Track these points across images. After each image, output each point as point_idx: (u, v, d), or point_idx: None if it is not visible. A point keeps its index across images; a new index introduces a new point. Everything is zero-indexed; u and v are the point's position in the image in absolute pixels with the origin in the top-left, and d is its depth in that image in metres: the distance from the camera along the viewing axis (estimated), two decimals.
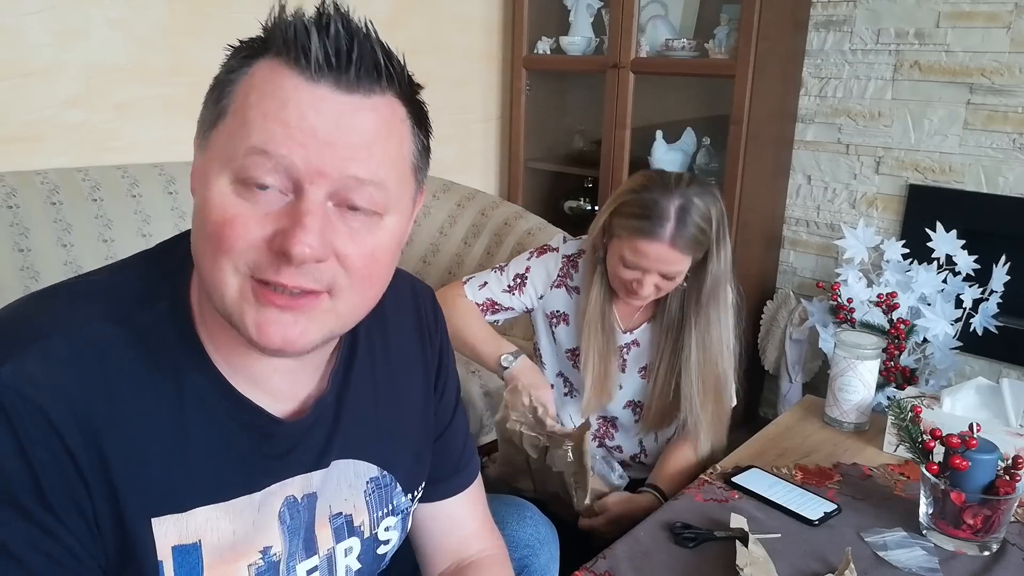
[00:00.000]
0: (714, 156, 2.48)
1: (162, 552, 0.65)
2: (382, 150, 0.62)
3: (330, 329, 0.65)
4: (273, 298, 0.60)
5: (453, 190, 2.39)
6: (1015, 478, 1.07)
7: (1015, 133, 2.13)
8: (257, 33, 0.62)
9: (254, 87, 0.60)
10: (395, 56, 0.63)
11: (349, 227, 0.62)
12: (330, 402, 0.75)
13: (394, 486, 0.82)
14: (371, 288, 0.66)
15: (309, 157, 0.58)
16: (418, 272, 2.30)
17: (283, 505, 0.72)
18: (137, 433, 0.63)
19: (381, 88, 0.61)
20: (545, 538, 1.06)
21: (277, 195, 0.60)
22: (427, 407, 0.86)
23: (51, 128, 1.84)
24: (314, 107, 0.59)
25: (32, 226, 1.71)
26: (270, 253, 0.59)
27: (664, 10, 2.57)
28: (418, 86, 0.66)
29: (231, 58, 0.62)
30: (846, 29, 2.35)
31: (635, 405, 1.50)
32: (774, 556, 1.05)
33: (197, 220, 0.62)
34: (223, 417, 0.67)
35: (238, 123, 0.60)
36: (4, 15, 1.73)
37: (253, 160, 0.58)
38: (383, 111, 0.62)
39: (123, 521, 0.63)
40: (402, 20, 2.49)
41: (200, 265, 0.62)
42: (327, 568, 0.77)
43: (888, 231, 2.37)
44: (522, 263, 1.49)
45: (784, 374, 2.43)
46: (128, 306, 0.65)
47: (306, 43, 0.58)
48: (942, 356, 2.03)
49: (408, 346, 0.84)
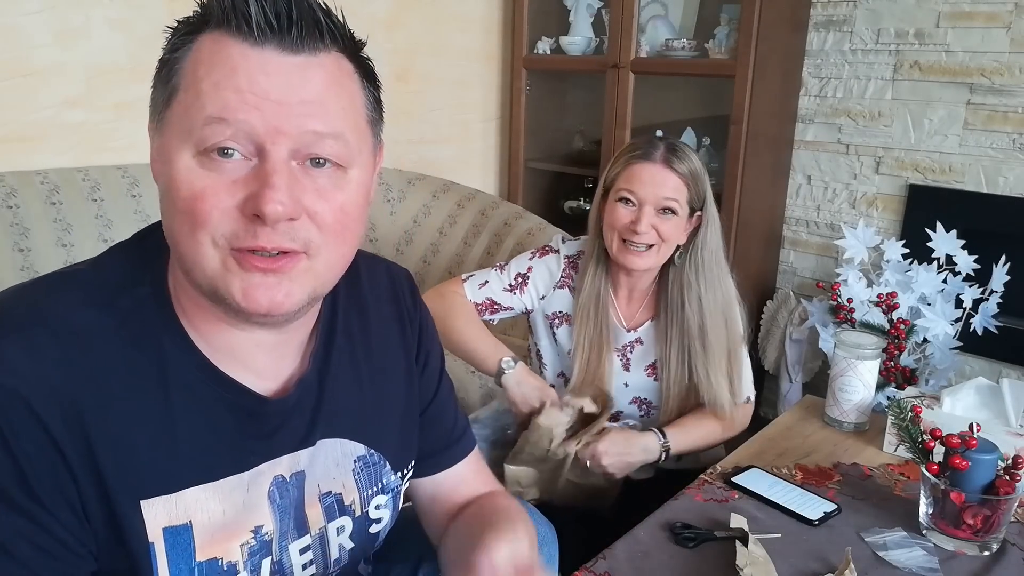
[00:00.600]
0: (714, 156, 2.48)
1: (153, 534, 0.65)
2: (335, 104, 0.63)
3: (312, 288, 0.66)
4: (254, 261, 0.61)
5: (453, 190, 2.39)
6: (1015, 478, 1.07)
7: (1015, 133, 2.13)
8: (194, 10, 0.63)
9: (201, 60, 0.61)
10: (334, 14, 0.64)
11: (316, 184, 0.63)
12: (312, 381, 0.76)
13: (383, 464, 0.83)
14: (344, 244, 0.67)
15: (266, 118, 0.60)
16: (418, 272, 2.30)
17: (272, 484, 0.73)
18: (122, 417, 0.64)
19: (325, 45, 0.63)
20: (544, 538, 1.06)
21: (241, 161, 0.61)
22: (410, 386, 0.87)
23: (51, 128, 1.84)
24: (263, 70, 0.60)
25: (32, 226, 1.71)
26: (244, 219, 0.60)
27: (664, 10, 2.57)
28: (361, 42, 0.67)
29: (173, 37, 0.63)
30: (846, 29, 2.35)
31: (642, 402, 1.50)
32: (774, 556, 1.04)
33: (166, 200, 0.63)
34: (208, 398, 0.68)
35: (191, 97, 0.61)
36: (4, 15, 1.73)
37: (212, 129, 0.59)
38: (330, 67, 0.63)
39: (112, 506, 0.63)
40: (402, 20, 2.49)
41: (177, 244, 0.63)
42: (320, 547, 0.78)
43: (888, 231, 2.37)
44: (524, 263, 1.49)
45: (784, 374, 2.43)
46: (109, 292, 0.66)
47: (245, 10, 0.59)
48: (942, 356, 2.03)
49: (387, 327, 0.85)
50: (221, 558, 0.69)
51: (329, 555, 0.79)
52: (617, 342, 1.47)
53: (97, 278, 0.68)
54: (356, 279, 0.82)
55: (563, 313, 1.48)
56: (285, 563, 0.75)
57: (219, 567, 0.69)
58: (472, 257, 2.23)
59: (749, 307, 1.49)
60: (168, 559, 0.66)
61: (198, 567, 0.68)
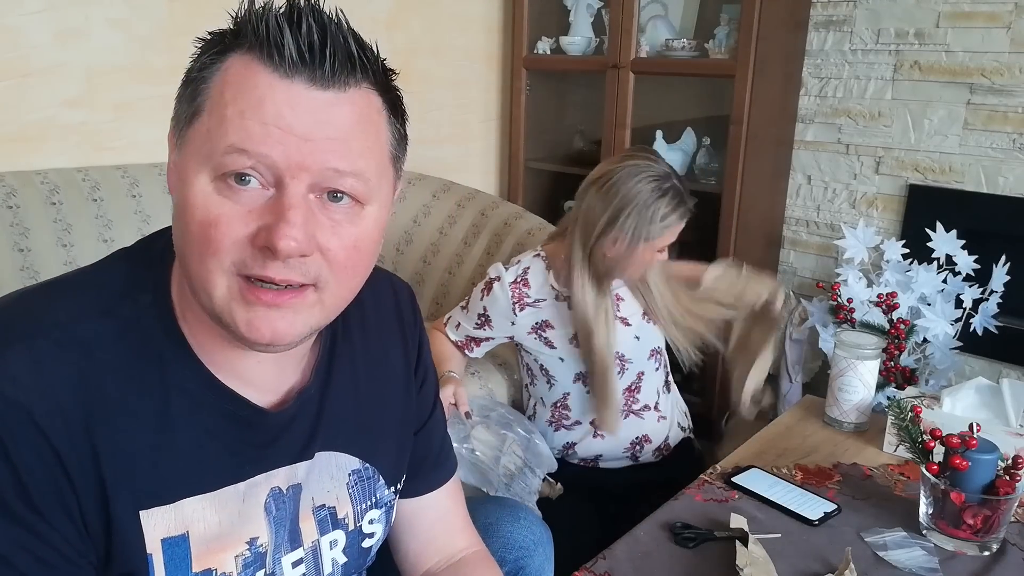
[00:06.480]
0: (714, 156, 2.48)
1: (151, 545, 0.65)
2: (360, 142, 0.62)
3: (317, 321, 0.66)
4: (261, 295, 0.61)
5: (453, 190, 2.39)
6: (1015, 478, 1.07)
7: (1015, 133, 2.12)
8: (227, 25, 0.61)
9: (228, 84, 0.60)
10: (368, 46, 0.63)
11: (331, 219, 0.62)
12: (313, 394, 0.75)
13: (377, 479, 0.83)
14: (354, 278, 0.67)
15: (288, 152, 0.59)
16: (418, 272, 2.30)
17: (268, 496, 0.73)
18: (123, 426, 0.63)
19: (356, 80, 0.61)
20: (540, 539, 1.06)
21: (258, 191, 0.60)
22: (407, 401, 0.87)
23: (51, 128, 1.84)
24: (290, 104, 0.59)
25: (32, 226, 1.71)
26: (255, 250, 0.60)
27: (664, 10, 2.57)
28: (392, 72, 0.66)
29: (203, 53, 0.62)
30: (846, 29, 2.35)
31: (657, 353, 1.57)
32: (774, 556, 1.05)
33: (180, 220, 0.62)
34: (208, 408, 0.68)
35: (215, 121, 0.59)
36: (4, 15, 1.73)
37: (233, 159, 0.59)
38: (359, 104, 0.62)
39: (111, 516, 0.63)
40: (402, 20, 2.49)
41: (187, 266, 0.62)
42: (312, 561, 0.77)
43: (888, 231, 2.37)
44: (478, 303, 1.54)
45: (784, 374, 2.42)
46: (111, 299, 0.65)
47: (279, 39, 0.58)
48: (942, 356, 2.03)
49: (388, 341, 0.85)
50: (215, 569, 0.69)
51: (322, 569, 0.79)
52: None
53: (99, 284, 0.67)
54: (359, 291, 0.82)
55: (541, 322, 1.51)
56: None
57: None
58: (472, 257, 2.23)
59: None
60: (166, 570, 0.66)
61: None
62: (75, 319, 0.63)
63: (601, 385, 1.47)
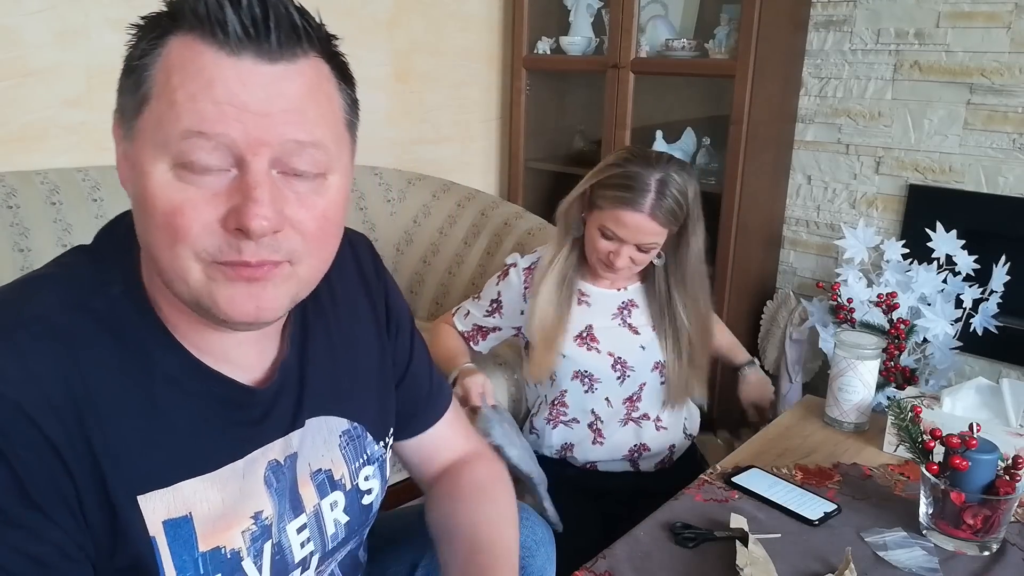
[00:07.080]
0: (714, 156, 2.48)
1: (153, 528, 0.65)
2: (315, 111, 0.62)
3: (296, 292, 0.66)
4: (240, 271, 0.61)
5: (453, 190, 2.39)
6: (1015, 478, 1.07)
7: (1015, 133, 2.12)
8: (160, 8, 0.61)
9: (173, 68, 0.59)
10: (310, 15, 0.62)
11: (296, 192, 0.62)
12: (293, 363, 0.76)
13: (365, 436, 0.84)
14: (326, 248, 0.67)
15: (247, 130, 0.58)
16: (418, 272, 2.30)
17: (267, 469, 0.73)
18: (113, 415, 0.63)
19: (303, 50, 0.61)
20: (541, 540, 1.06)
21: (220, 173, 0.59)
22: (383, 352, 0.88)
23: (51, 128, 1.84)
24: (241, 81, 0.58)
25: (32, 226, 1.71)
26: (227, 234, 0.59)
27: (664, 10, 2.57)
28: (335, 38, 0.66)
29: (139, 40, 0.61)
30: (846, 29, 2.35)
31: (661, 366, 1.54)
32: (774, 556, 1.05)
33: (142, 213, 0.61)
34: (196, 391, 0.68)
35: (164, 107, 0.59)
36: (4, 15, 1.73)
37: (191, 143, 0.58)
38: (309, 73, 0.62)
39: (110, 503, 0.63)
40: (402, 20, 2.49)
41: (157, 257, 0.62)
42: (315, 525, 0.78)
43: (888, 231, 2.37)
44: (493, 289, 1.57)
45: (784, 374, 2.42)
46: (81, 294, 0.65)
47: (220, 16, 0.57)
48: (942, 356, 2.03)
49: (354, 297, 0.86)
50: (224, 547, 0.70)
51: (325, 532, 0.80)
52: (611, 306, 1.52)
53: (67, 279, 0.66)
54: None
55: None
56: (284, 545, 0.75)
57: (223, 556, 0.69)
58: (472, 257, 2.23)
59: (749, 307, 1.55)
60: (171, 552, 0.66)
61: (202, 557, 0.68)
62: (54, 311, 0.63)
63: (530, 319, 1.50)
